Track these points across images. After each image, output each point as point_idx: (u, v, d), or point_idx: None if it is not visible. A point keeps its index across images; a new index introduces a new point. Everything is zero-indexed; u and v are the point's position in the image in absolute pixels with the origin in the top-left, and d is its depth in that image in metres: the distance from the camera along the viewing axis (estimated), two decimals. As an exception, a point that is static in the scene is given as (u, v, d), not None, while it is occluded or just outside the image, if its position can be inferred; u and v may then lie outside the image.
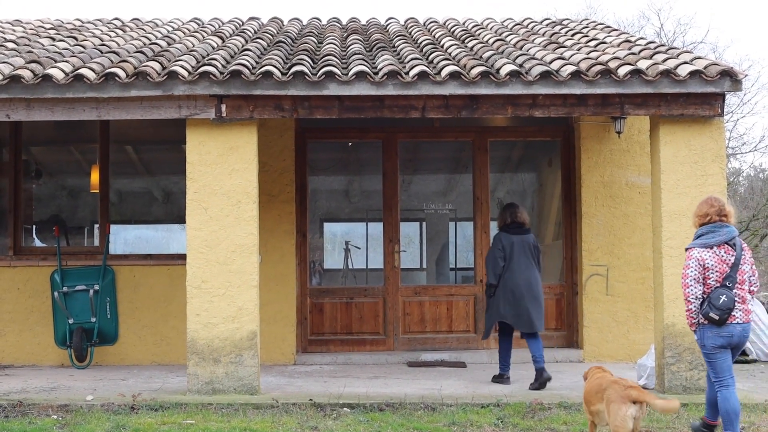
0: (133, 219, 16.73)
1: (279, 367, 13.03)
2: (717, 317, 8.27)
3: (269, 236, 13.13)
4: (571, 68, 10.87)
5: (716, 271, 8.37)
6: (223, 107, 10.85)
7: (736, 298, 8.33)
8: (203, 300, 10.77)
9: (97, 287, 13.05)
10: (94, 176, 13.95)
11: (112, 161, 13.98)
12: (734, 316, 8.34)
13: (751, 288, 8.49)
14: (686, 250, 8.63)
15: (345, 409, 10.06)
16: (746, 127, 35.26)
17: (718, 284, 8.35)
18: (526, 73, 10.93)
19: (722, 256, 8.40)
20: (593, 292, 13.41)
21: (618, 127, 13.35)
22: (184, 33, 14.32)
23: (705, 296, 8.38)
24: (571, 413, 9.89)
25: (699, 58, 11.43)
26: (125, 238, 16.57)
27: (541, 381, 11.17)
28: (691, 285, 8.40)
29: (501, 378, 11.73)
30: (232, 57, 11.90)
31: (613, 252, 13.53)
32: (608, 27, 15.00)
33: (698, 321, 8.47)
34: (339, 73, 10.81)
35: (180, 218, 11.20)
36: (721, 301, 8.25)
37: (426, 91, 10.82)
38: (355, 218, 18.92)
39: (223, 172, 10.88)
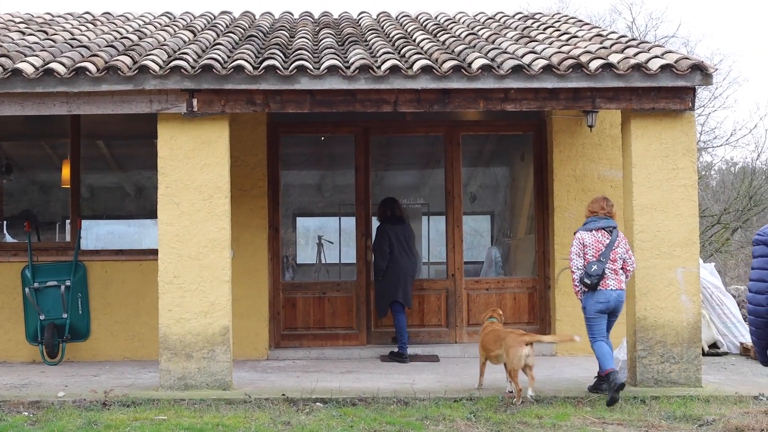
0: (105, 214, 16.66)
1: (252, 362, 13.00)
2: (589, 282, 10.25)
3: (242, 231, 13.08)
4: (542, 62, 10.88)
5: (593, 249, 10.43)
6: (195, 102, 10.80)
7: (607, 270, 10.32)
8: (175, 295, 10.73)
9: (68, 283, 12.99)
10: (65, 171, 13.88)
11: (84, 156, 13.90)
12: (607, 283, 10.32)
13: (625, 266, 10.51)
14: (574, 233, 10.77)
15: (318, 403, 10.06)
16: (717, 121, 35.51)
17: (594, 259, 10.35)
18: (498, 67, 10.93)
19: (599, 238, 10.48)
20: (566, 286, 13.41)
21: (590, 121, 13.39)
22: (155, 27, 14.25)
23: (583, 267, 10.38)
24: (544, 406, 9.92)
25: (670, 52, 11.47)
26: (97, 234, 16.50)
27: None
28: (574, 259, 10.49)
29: (401, 357, 12.92)
30: (203, 51, 11.86)
31: (586, 246, 13.54)
32: (580, 21, 15.02)
33: (581, 289, 10.42)
34: (311, 67, 10.78)
35: (152, 213, 11.17)
36: (593, 269, 10.26)
37: (398, 85, 10.81)
38: (328, 213, 18.90)
39: (194, 166, 10.84)
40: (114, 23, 14.73)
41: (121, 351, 13.25)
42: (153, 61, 10.85)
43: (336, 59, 11.03)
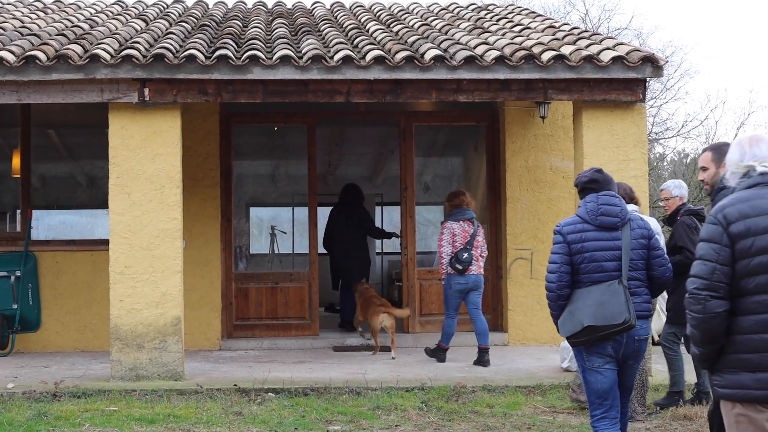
0: (57, 204, 16.54)
1: (204, 352, 12.96)
2: (461, 267, 11.67)
3: (194, 221, 13.00)
4: (495, 53, 10.91)
5: (461, 237, 11.81)
6: (146, 91, 10.74)
7: (472, 258, 11.71)
8: (126, 286, 10.67)
9: (18, 273, 12.88)
10: (16, 161, 13.74)
11: (34, 145, 13.78)
12: (471, 269, 11.75)
13: (482, 254, 12.00)
14: (441, 223, 12.15)
15: (270, 394, 10.06)
16: (669, 112, 35.78)
17: (462, 246, 11.72)
18: (451, 57, 10.95)
19: (465, 228, 11.89)
20: (518, 276, 13.49)
21: (542, 112, 13.43)
22: (107, 15, 14.15)
23: (453, 254, 11.69)
24: (495, 396, 9.98)
25: (621, 44, 11.54)
26: (49, 224, 16.38)
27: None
28: (444, 246, 11.81)
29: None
30: (155, 40, 11.78)
31: (537, 236, 13.62)
32: (533, 12, 15.08)
33: (447, 271, 11.76)
34: (263, 57, 10.75)
35: (105, 203, 11.08)
36: (464, 257, 11.68)
37: (350, 76, 10.80)
38: (281, 203, 18.91)
39: (146, 156, 10.78)
40: (65, 11, 14.59)
41: (72, 342, 13.15)
42: (104, 50, 10.77)
43: (289, 49, 11.01)
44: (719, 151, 6.76)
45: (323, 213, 14.60)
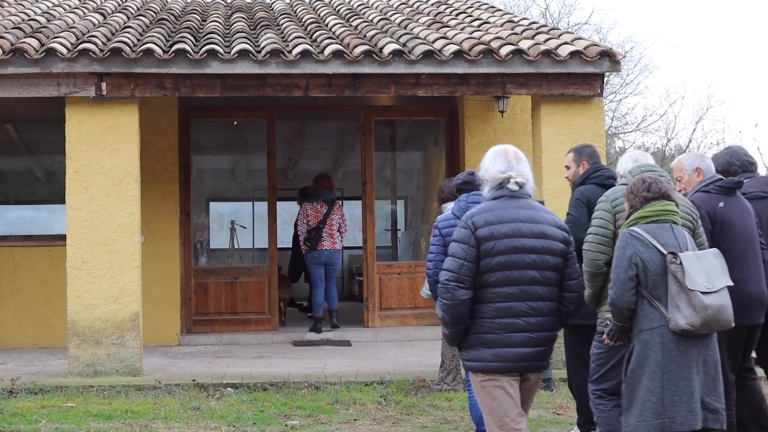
0: (15, 199, 16.43)
1: (163, 347, 12.89)
2: (310, 244, 13.34)
3: (152, 216, 12.93)
4: (453, 48, 10.93)
5: (313, 217, 13.44)
6: (104, 85, 10.67)
7: (323, 234, 13.33)
8: (84, 281, 10.61)
9: (-26, 269, 12.78)
10: (-28, 156, 13.64)
11: (-9, 140, 13.68)
12: (323, 244, 13.35)
13: (341, 229, 13.60)
14: (300, 205, 13.74)
15: (228, 389, 10.03)
16: (628, 107, 36.02)
17: (315, 225, 13.32)
18: (409, 52, 10.96)
19: (318, 209, 13.49)
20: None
21: (501, 107, 13.44)
22: (64, 9, 14.03)
23: (306, 232, 13.33)
24: (454, 390, 9.98)
25: (579, 38, 11.59)
26: (7, 219, 16.30)
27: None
28: (300, 225, 13.47)
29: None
30: (113, 34, 11.70)
31: (497, 230, 13.61)
32: (493, 7, 15.10)
33: (305, 247, 13.33)
34: (221, 51, 10.72)
35: (63, 198, 10.98)
36: (312, 234, 13.31)
37: (309, 70, 10.79)
38: (241, 198, 18.88)
39: (103, 151, 10.71)
40: (21, 5, 14.43)
41: (30, 338, 13.04)
42: (61, 43, 10.69)
43: (247, 43, 10.98)
44: (580, 152, 7.86)
45: (283, 208, 14.57)
